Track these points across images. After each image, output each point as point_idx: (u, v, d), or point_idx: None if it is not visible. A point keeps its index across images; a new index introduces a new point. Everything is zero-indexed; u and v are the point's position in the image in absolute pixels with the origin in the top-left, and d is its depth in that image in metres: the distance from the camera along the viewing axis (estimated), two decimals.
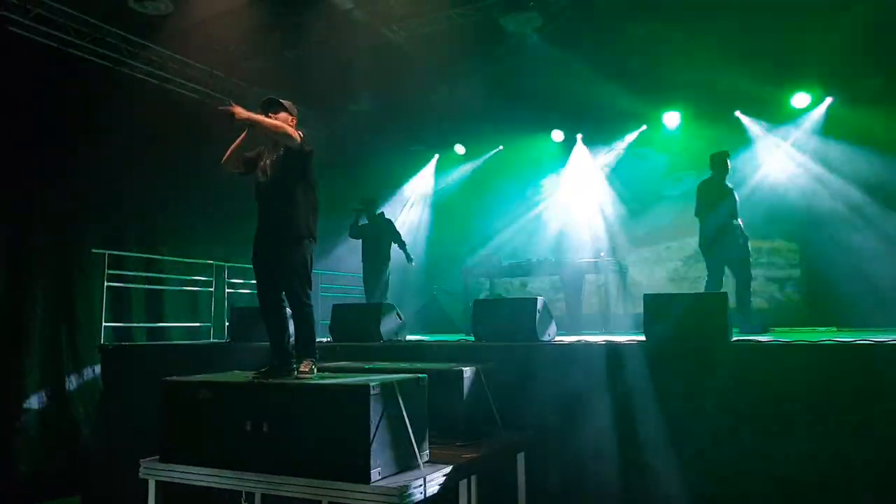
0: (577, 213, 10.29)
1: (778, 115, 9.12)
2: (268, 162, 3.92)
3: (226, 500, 4.15)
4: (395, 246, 8.14)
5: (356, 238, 8.15)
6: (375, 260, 8.01)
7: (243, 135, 3.88)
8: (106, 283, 7.06)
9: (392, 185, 11.80)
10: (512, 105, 9.71)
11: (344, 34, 8.55)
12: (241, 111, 3.67)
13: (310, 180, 3.92)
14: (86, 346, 7.49)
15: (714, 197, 6.45)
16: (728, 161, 6.60)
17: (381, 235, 8.08)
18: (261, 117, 3.76)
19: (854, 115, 8.50)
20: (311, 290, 3.83)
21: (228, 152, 3.91)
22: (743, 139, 9.36)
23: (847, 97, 8.64)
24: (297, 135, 3.80)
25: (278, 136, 3.78)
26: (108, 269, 7.05)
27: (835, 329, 7.08)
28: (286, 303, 3.85)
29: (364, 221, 8.20)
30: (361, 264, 8.17)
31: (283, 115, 3.94)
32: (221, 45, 8.50)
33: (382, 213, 8.31)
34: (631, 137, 10.31)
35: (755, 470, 3.93)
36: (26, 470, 6.82)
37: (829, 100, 8.85)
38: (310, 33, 8.57)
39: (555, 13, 7.84)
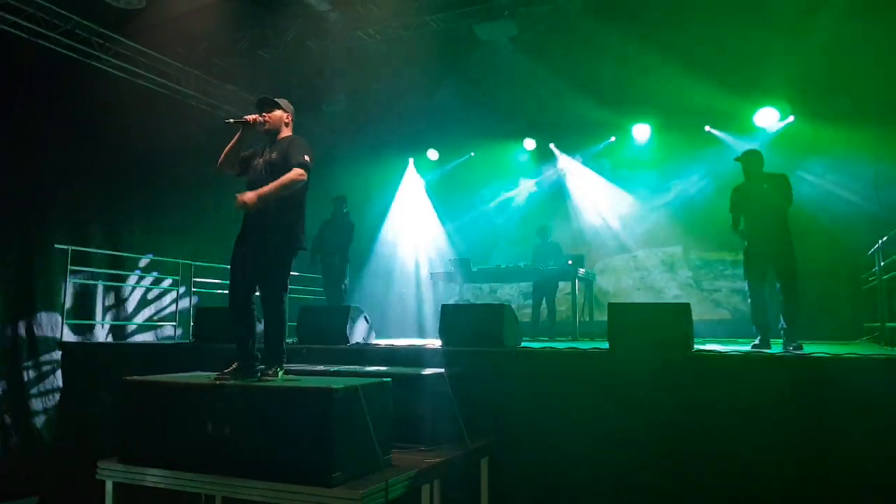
0: (547, 221, 10.38)
1: (744, 131, 9.33)
2: (261, 162, 3.82)
3: (186, 503, 4.10)
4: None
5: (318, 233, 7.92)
6: (336, 258, 7.80)
7: (238, 135, 3.83)
8: (69, 280, 6.92)
9: (366, 187, 11.78)
10: (485, 112, 9.79)
11: (319, 35, 8.54)
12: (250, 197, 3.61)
13: (305, 193, 3.89)
14: (46, 342, 7.33)
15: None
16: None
17: (342, 234, 7.89)
18: (266, 189, 3.62)
19: (818, 132, 8.73)
20: (286, 294, 3.80)
21: (224, 154, 3.84)
22: (711, 153, 9.55)
23: (812, 114, 8.87)
24: (302, 174, 3.69)
25: (285, 192, 3.66)
26: (71, 265, 6.91)
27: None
28: (256, 305, 3.83)
29: (328, 217, 7.98)
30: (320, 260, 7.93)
31: (278, 113, 3.89)
32: (194, 42, 8.43)
33: (348, 212, 8.11)
34: (600, 148, 10.44)
35: (718, 477, 4.01)
36: None
37: (790, 118, 9.09)
38: (285, 33, 8.55)
39: (530, 24, 7.94)
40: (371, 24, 8.35)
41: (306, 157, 3.73)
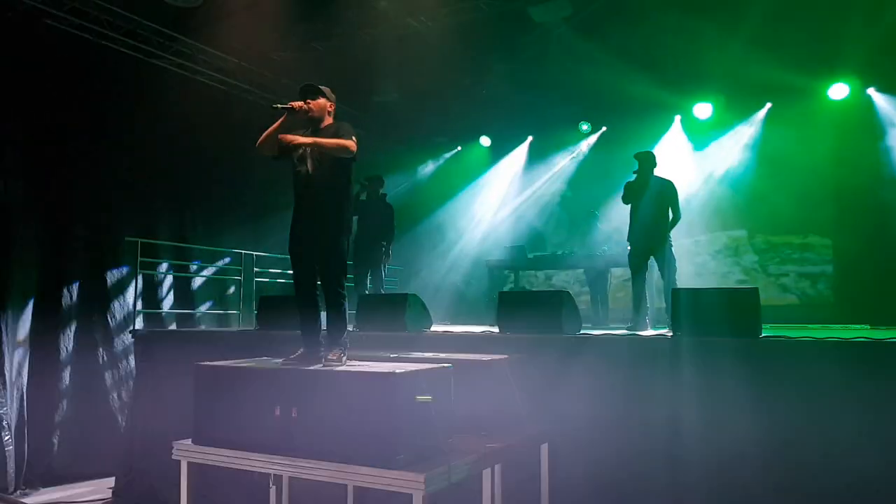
0: (603, 205, 10.19)
1: (813, 107, 8.93)
2: (309, 151, 3.90)
3: (254, 482, 4.23)
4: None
5: (353, 215, 7.54)
6: (370, 241, 7.47)
7: (281, 119, 3.92)
8: (139, 271, 7.22)
9: (417, 176, 11.85)
10: (538, 96, 9.65)
11: (371, 24, 8.58)
12: (296, 139, 3.76)
13: (351, 178, 3.98)
14: (119, 330, 7.68)
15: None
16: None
17: (379, 217, 7.57)
18: (321, 141, 3.79)
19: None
20: (345, 279, 3.88)
21: (265, 135, 3.93)
22: (775, 134, 9.20)
23: (887, 88, 8.44)
24: (353, 145, 3.81)
25: (337, 153, 3.80)
26: (141, 256, 7.20)
27: (868, 327, 6.93)
28: (320, 292, 3.90)
29: (363, 198, 7.62)
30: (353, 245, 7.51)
31: (321, 100, 3.96)
32: (250, 37, 8.59)
33: (385, 195, 7.83)
34: (656, 131, 10.15)
35: (785, 467, 3.89)
36: (62, 451, 7.02)
37: (870, 89, 8.64)
38: (337, 24, 8.63)
39: (584, 3, 7.77)
40: (422, 10, 8.33)
41: (352, 133, 3.84)
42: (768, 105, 9.34)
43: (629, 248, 6.52)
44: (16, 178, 6.98)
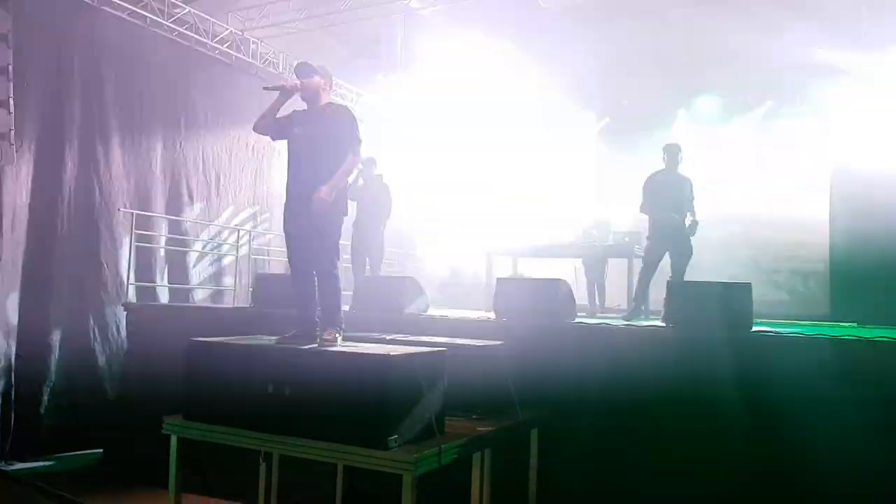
0: (602, 196, 10.20)
1: (814, 105, 8.92)
2: (303, 130, 3.87)
3: (245, 459, 4.25)
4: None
5: (352, 200, 6.96)
6: (369, 224, 7.38)
7: (275, 100, 3.89)
8: (133, 243, 7.17)
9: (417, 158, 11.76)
10: (543, 84, 9.58)
11: (374, 2, 8.48)
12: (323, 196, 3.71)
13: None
14: (111, 304, 7.64)
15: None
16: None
17: (377, 199, 7.44)
18: (333, 182, 3.74)
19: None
20: (338, 260, 3.87)
21: (260, 117, 3.92)
22: (775, 132, 9.20)
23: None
24: (356, 161, 3.87)
25: (350, 175, 3.88)
26: (135, 228, 7.14)
27: (856, 325, 6.97)
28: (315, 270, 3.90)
29: (360, 182, 7.43)
30: (352, 228, 7.30)
31: (315, 79, 3.91)
32: (253, 8, 8.49)
33: (381, 175, 7.66)
34: (660, 124, 10.11)
35: (770, 460, 3.93)
36: (51, 422, 6.99)
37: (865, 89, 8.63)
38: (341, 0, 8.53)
39: None
40: None
41: (356, 135, 3.80)
42: (769, 102, 9.31)
43: (647, 241, 6.44)
44: (8, 144, 6.89)
